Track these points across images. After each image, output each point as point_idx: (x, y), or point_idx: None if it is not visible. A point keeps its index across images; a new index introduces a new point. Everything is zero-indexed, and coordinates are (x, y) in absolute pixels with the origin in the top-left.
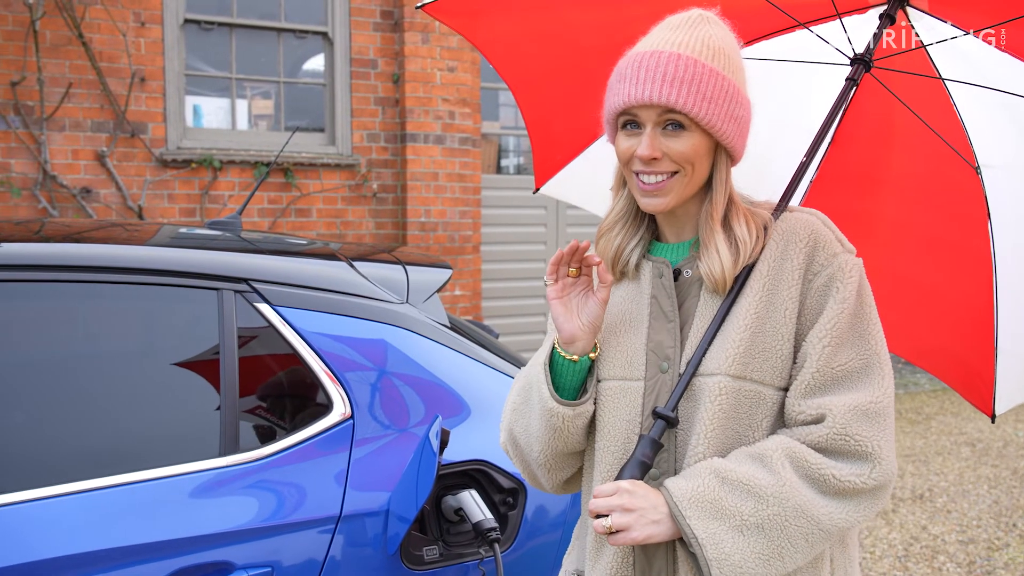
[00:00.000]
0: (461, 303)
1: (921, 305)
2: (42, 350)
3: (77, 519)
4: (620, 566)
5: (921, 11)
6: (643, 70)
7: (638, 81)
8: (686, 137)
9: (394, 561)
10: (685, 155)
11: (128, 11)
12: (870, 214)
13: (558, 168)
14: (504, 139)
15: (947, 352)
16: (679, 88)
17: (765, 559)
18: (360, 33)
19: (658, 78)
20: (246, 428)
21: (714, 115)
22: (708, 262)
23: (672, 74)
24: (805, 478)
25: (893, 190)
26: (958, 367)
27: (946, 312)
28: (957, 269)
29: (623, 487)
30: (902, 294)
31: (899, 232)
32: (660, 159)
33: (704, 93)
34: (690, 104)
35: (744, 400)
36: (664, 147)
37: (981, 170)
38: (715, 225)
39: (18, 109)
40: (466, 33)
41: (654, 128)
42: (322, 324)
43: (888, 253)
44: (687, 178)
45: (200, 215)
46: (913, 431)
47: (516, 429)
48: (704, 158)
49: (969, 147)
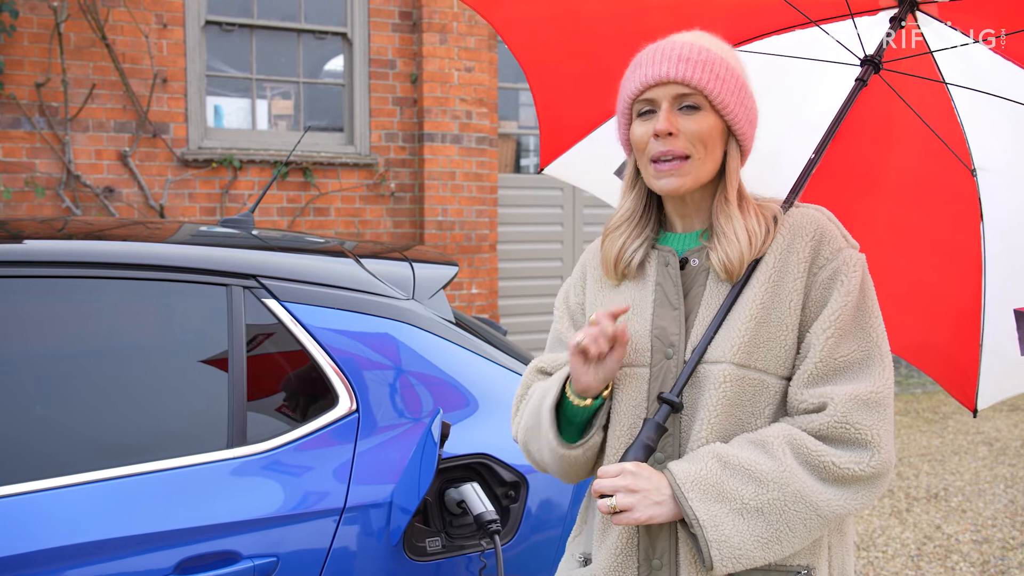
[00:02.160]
0: (478, 301)
1: (911, 301)
2: (57, 344)
3: (85, 509)
4: (625, 546)
5: (930, 16)
6: (659, 53)
7: (655, 63)
8: (700, 117)
9: (397, 552)
10: (699, 134)
11: (150, 13)
12: (866, 211)
13: (564, 149)
14: (524, 139)
15: (934, 348)
16: (695, 67)
17: (763, 542)
18: (379, 34)
19: (674, 58)
20: (254, 421)
21: (727, 96)
22: (725, 247)
23: (688, 55)
24: (805, 464)
25: (890, 188)
26: (944, 362)
27: (935, 309)
28: (948, 268)
29: (627, 468)
30: (893, 290)
31: (893, 229)
32: (676, 135)
33: (718, 75)
34: (705, 80)
35: (748, 388)
36: (680, 124)
37: (977, 173)
38: (732, 210)
39: (43, 110)
40: (484, 12)
41: (670, 106)
42: (329, 319)
43: (882, 249)
44: (700, 161)
45: (220, 214)
46: (930, 430)
47: (531, 447)
48: (717, 142)
49: (967, 150)
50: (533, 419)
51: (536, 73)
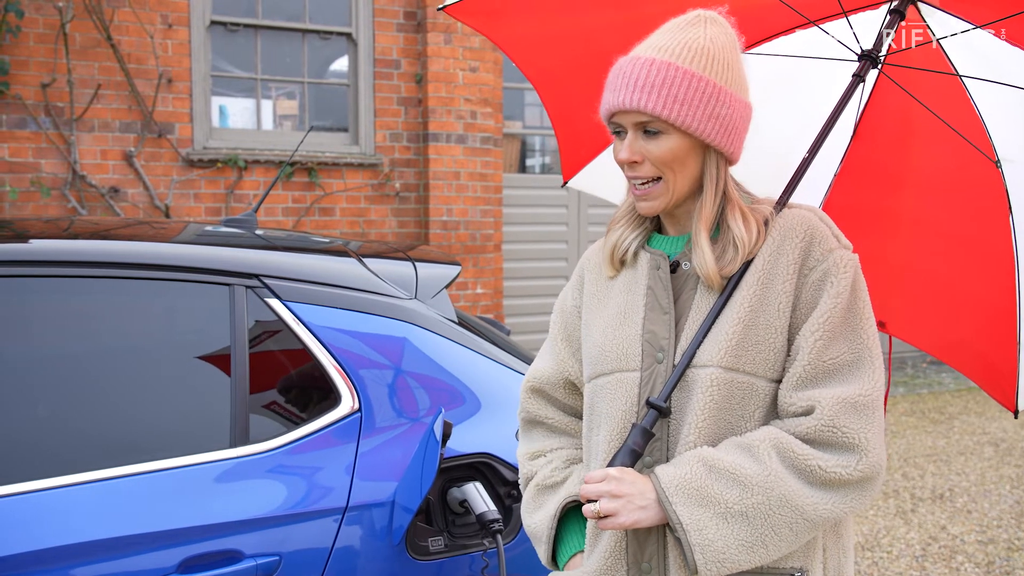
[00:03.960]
0: (483, 301)
1: (943, 300)
2: (61, 344)
3: (88, 508)
4: (614, 550)
5: (933, 7)
6: (620, 77)
7: (615, 88)
8: (663, 140)
9: (399, 551)
10: (662, 158)
11: (156, 13)
12: (892, 210)
13: (584, 163)
14: (530, 138)
15: (969, 347)
16: (647, 93)
17: (748, 546)
18: (383, 34)
19: (630, 85)
20: (256, 420)
21: (687, 116)
22: (697, 259)
23: (644, 80)
24: (791, 468)
25: (914, 186)
26: (980, 362)
27: (968, 307)
28: (979, 264)
29: (611, 474)
30: (924, 289)
31: (921, 228)
32: (641, 163)
33: (675, 95)
34: (659, 107)
35: (736, 391)
36: (643, 150)
37: (1001, 164)
38: (700, 226)
39: (48, 110)
40: (488, 33)
41: (635, 132)
42: (331, 319)
43: (910, 249)
44: (671, 183)
45: (226, 214)
46: (936, 431)
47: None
48: (688, 159)
49: (988, 142)
50: (535, 528)
51: (547, 89)
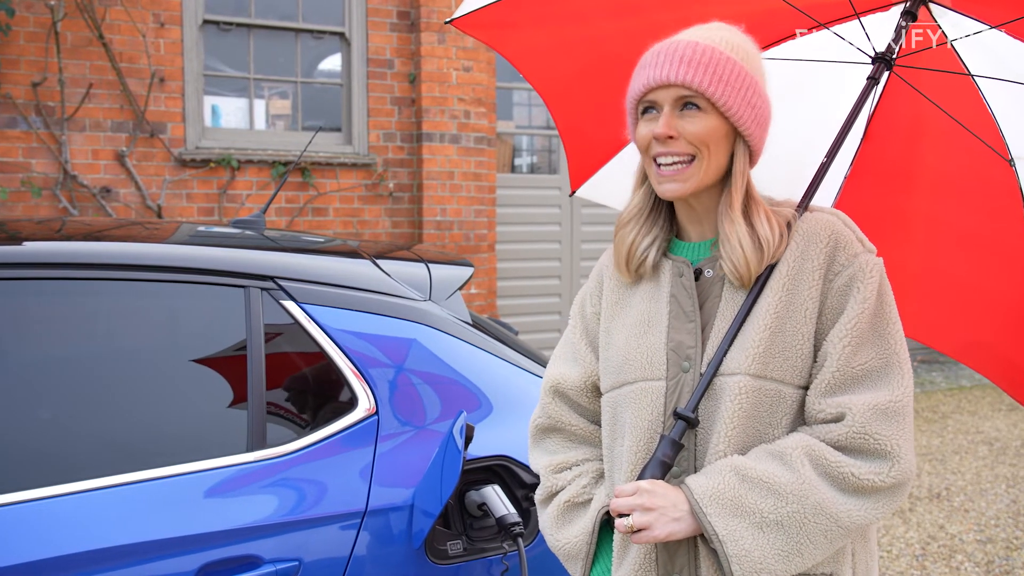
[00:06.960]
0: (476, 301)
1: (960, 301)
2: (73, 347)
3: (106, 514)
4: (643, 562)
5: (945, 7)
6: (662, 55)
7: (656, 65)
8: (702, 118)
9: (419, 555)
10: (700, 136)
11: (148, 12)
12: (906, 211)
13: (592, 172)
14: (518, 139)
15: (985, 346)
16: (695, 69)
17: (784, 555)
18: (377, 33)
19: (675, 60)
20: (273, 424)
21: (729, 97)
22: (730, 255)
23: (689, 57)
24: (824, 476)
25: (928, 187)
26: (997, 361)
27: (986, 307)
28: (996, 263)
29: (643, 487)
30: (941, 290)
31: (935, 228)
32: (676, 138)
33: (720, 76)
34: (705, 83)
35: (764, 399)
36: (680, 127)
37: (1015, 163)
38: (735, 215)
39: (39, 110)
40: (496, 46)
41: (672, 108)
42: (347, 321)
43: (925, 249)
44: (704, 163)
45: (218, 214)
46: (930, 430)
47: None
48: (721, 144)
49: (1002, 140)
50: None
51: (556, 100)
